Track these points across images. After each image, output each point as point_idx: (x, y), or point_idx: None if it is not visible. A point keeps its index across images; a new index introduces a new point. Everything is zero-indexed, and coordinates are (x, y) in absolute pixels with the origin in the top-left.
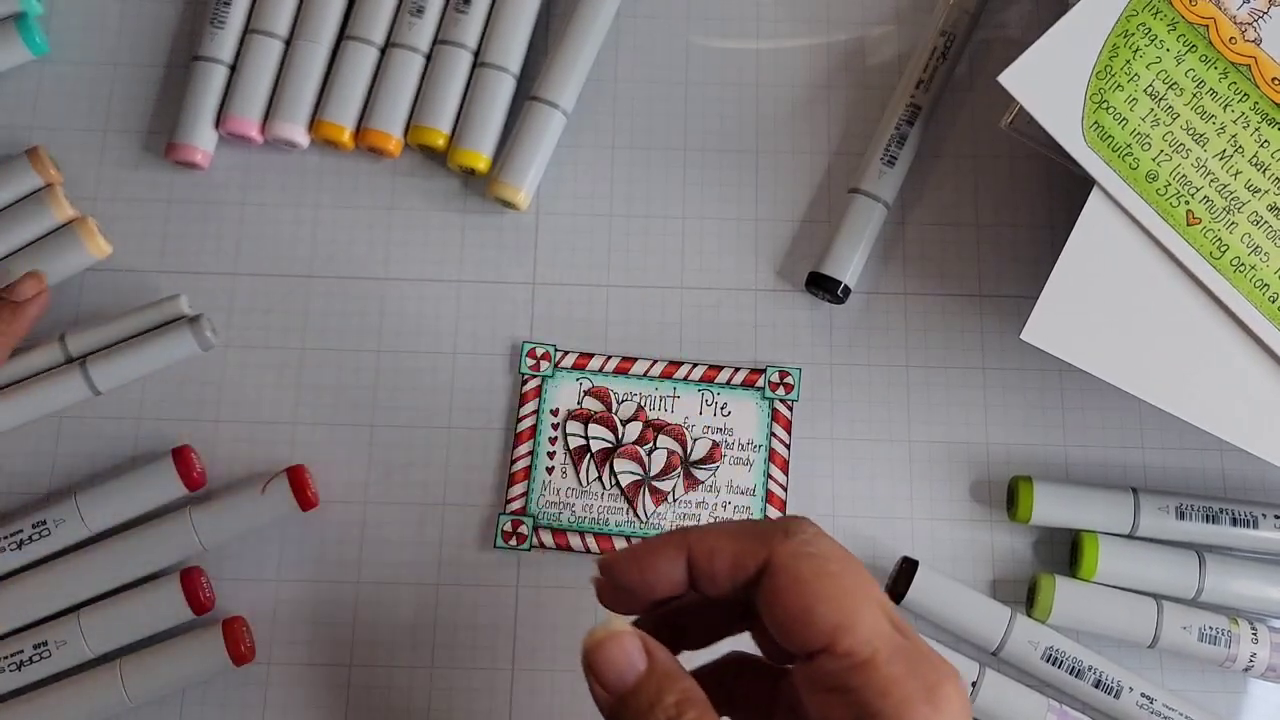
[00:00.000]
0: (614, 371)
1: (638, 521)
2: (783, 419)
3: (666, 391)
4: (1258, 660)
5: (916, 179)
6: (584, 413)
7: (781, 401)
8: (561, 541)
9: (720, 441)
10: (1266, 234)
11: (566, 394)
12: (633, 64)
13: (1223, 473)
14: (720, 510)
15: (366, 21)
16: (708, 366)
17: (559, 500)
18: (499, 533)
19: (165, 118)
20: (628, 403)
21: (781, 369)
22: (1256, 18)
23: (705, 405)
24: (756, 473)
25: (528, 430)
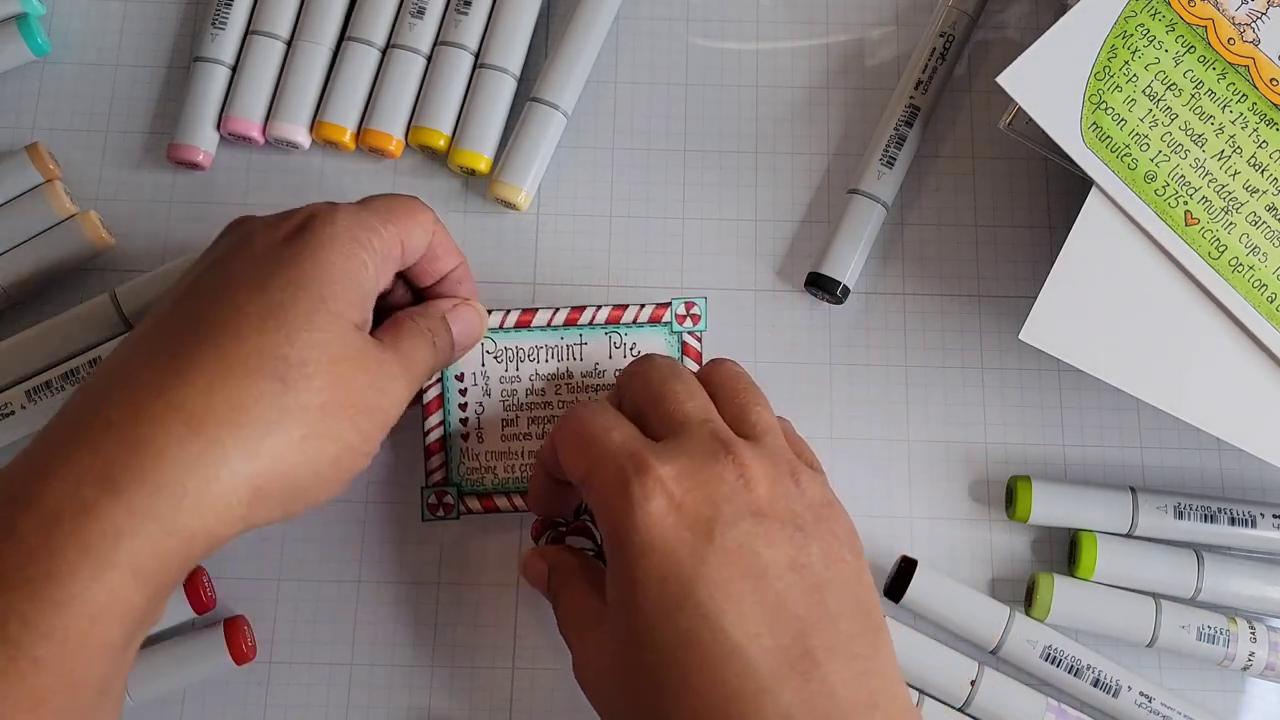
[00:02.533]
0: (515, 326)
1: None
2: (693, 351)
3: (573, 340)
4: (1256, 659)
5: (915, 180)
6: (489, 373)
7: (690, 334)
8: (489, 505)
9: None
10: (1265, 234)
11: (469, 357)
12: (633, 65)
13: (1221, 472)
14: None
15: (367, 23)
16: (612, 307)
17: (480, 465)
18: (424, 506)
19: (167, 118)
20: (530, 362)
21: (687, 299)
22: (1255, 18)
23: (614, 349)
24: None
25: (435, 400)
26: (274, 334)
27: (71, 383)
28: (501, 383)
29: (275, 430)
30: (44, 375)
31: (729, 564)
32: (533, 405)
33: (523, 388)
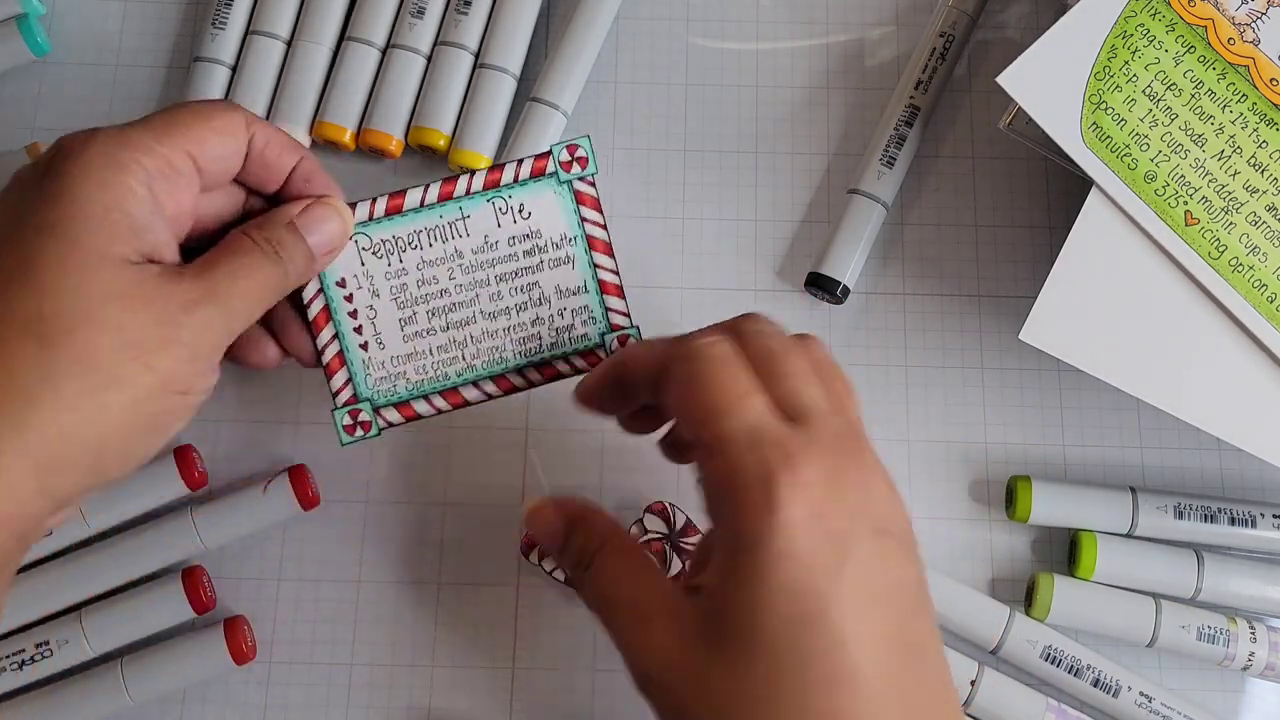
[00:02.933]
0: (386, 214)
1: (476, 365)
2: (588, 199)
3: (453, 215)
4: (1256, 659)
5: (915, 180)
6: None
7: (581, 180)
8: (409, 413)
9: (531, 249)
10: (1265, 234)
11: (345, 258)
12: (633, 65)
13: (1221, 472)
14: (559, 319)
15: (367, 23)
16: (488, 170)
17: (388, 373)
18: (339, 429)
19: None
20: (413, 249)
21: (569, 141)
22: (1255, 18)
23: (500, 215)
24: (581, 267)
25: (321, 313)
26: (21, 291)
27: None
28: (388, 279)
29: (41, 394)
30: None
31: (860, 584)
32: (428, 297)
33: (412, 280)
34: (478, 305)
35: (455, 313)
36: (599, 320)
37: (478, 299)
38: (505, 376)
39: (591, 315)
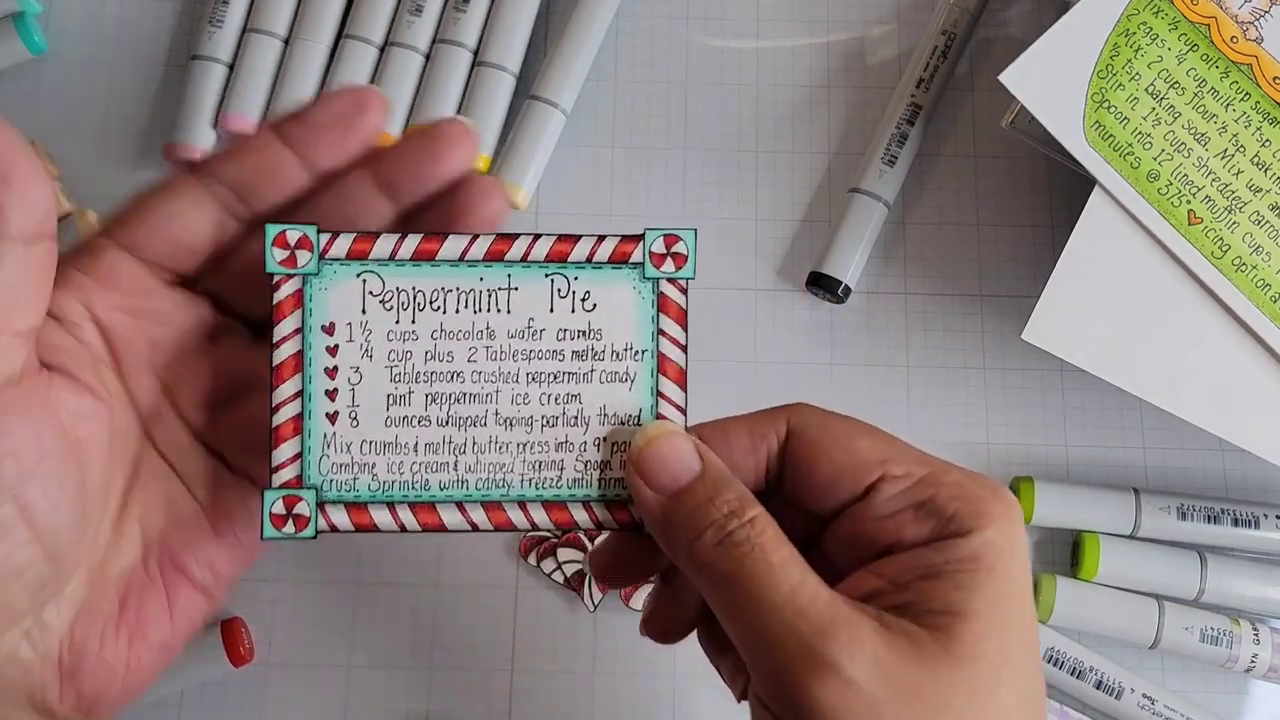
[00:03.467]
0: (413, 258)
1: (469, 481)
2: (674, 308)
3: (498, 282)
4: (1259, 661)
5: (917, 178)
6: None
7: (670, 281)
8: (362, 521)
9: (584, 351)
10: (1268, 233)
11: (344, 298)
12: (632, 63)
13: (1224, 473)
14: (592, 451)
15: (365, 20)
16: (558, 237)
17: (352, 460)
18: (266, 516)
19: (163, 117)
20: (433, 311)
21: (668, 232)
22: (1258, 17)
23: (558, 298)
24: (641, 391)
25: (290, 360)
26: None
27: None
28: (390, 340)
29: None
30: None
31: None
32: (435, 376)
33: (420, 349)
34: (494, 404)
35: (463, 406)
36: None
37: (497, 396)
38: (502, 507)
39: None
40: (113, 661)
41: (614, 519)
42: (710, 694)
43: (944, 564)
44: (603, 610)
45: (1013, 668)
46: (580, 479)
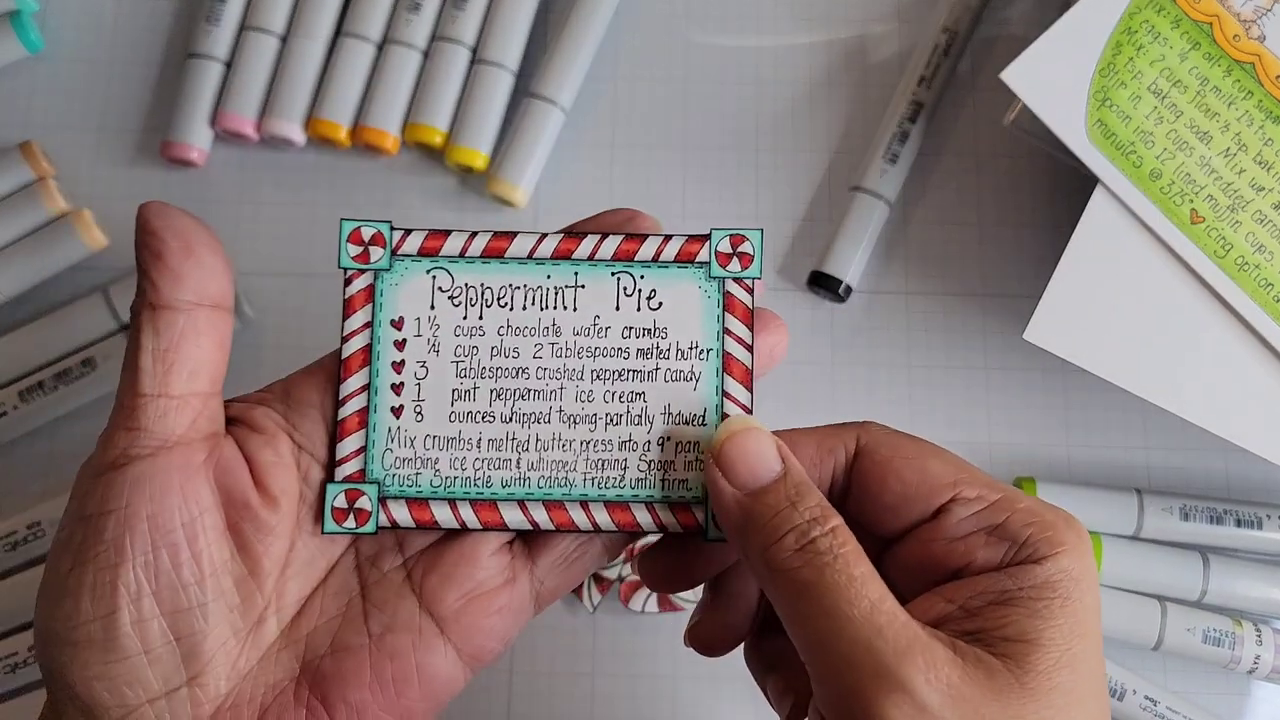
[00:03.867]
0: (483, 255)
1: (531, 478)
2: (740, 307)
3: (565, 279)
4: (1262, 662)
5: (919, 177)
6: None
7: (737, 281)
8: (424, 518)
9: (649, 349)
10: (1271, 233)
11: (414, 294)
12: (632, 61)
13: (1227, 474)
14: (656, 451)
15: (363, 18)
16: (625, 237)
17: (415, 455)
18: (328, 510)
19: (160, 115)
20: (500, 307)
21: (734, 232)
22: (1260, 15)
23: (623, 296)
24: (705, 390)
25: (359, 354)
26: None
27: (64, 383)
28: (457, 335)
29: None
30: (36, 375)
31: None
32: (500, 372)
33: (487, 345)
34: (559, 401)
35: (527, 402)
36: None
37: (561, 393)
38: (564, 506)
39: (701, 457)
40: None
41: (678, 521)
42: (710, 695)
43: (1017, 590)
44: (602, 611)
45: (1084, 702)
46: (644, 479)
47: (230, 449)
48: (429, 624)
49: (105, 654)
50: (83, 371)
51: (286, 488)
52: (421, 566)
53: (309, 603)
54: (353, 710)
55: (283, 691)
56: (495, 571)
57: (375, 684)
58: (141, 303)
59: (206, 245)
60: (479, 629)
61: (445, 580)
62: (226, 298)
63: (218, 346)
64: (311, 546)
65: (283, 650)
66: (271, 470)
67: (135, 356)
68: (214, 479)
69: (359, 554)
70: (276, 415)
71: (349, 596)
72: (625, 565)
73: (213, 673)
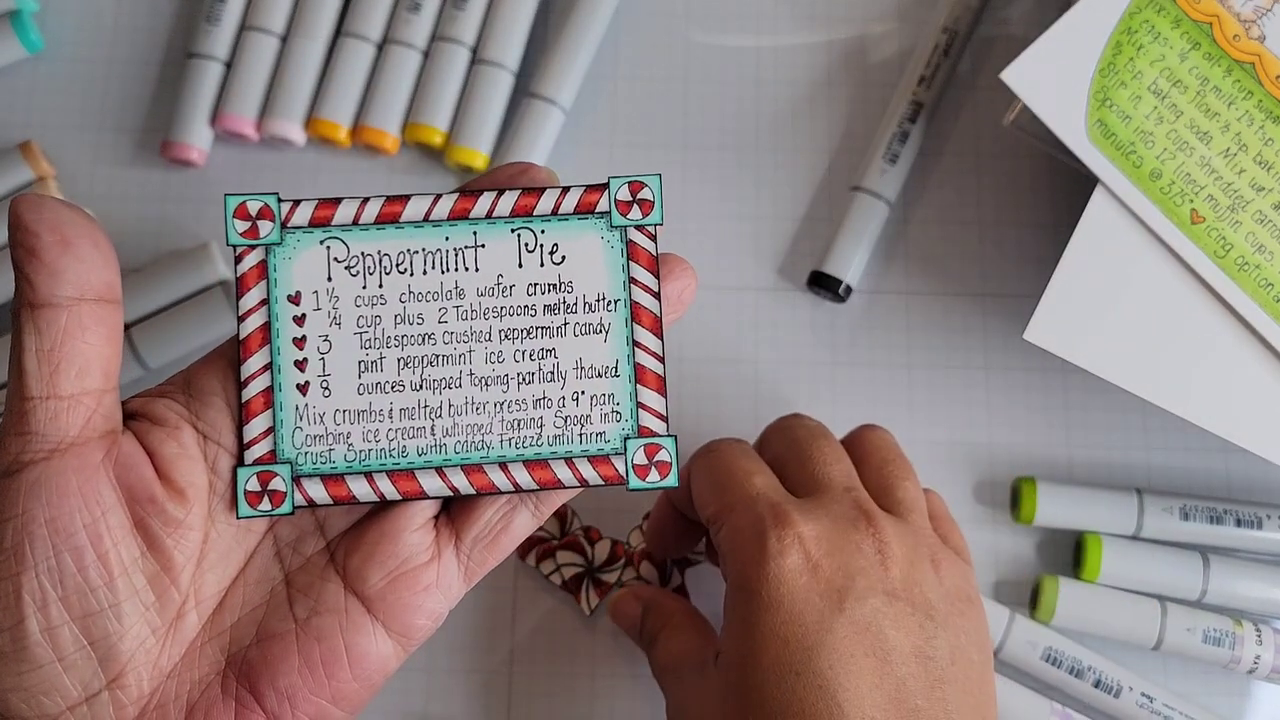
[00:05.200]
0: (377, 222)
1: (447, 445)
2: (644, 255)
3: (464, 240)
4: (1262, 662)
5: (919, 177)
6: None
7: (639, 229)
8: (340, 493)
9: (556, 304)
10: (1271, 233)
11: (309, 267)
12: (632, 61)
13: (1227, 473)
14: (571, 406)
15: (363, 18)
16: (522, 192)
17: (326, 431)
18: (241, 494)
19: (160, 115)
20: (400, 274)
21: (633, 179)
22: (1260, 15)
23: (525, 253)
24: (616, 342)
25: (257, 333)
26: None
27: None
28: (358, 306)
29: None
30: None
31: (854, 638)
32: (406, 340)
33: (390, 313)
34: (468, 364)
35: (436, 368)
36: (625, 418)
37: (470, 356)
38: (483, 469)
39: (616, 409)
40: None
41: (599, 474)
42: None
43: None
44: (600, 613)
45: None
46: (561, 435)
47: (130, 445)
48: (355, 605)
49: (17, 665)
50: None
51: (193, 479)
52: (344, 547)
53: (230, 594)
54: (282, 696)
55: (209, 686)
56: (419, 548)
57: (304, 668)
58: (20, 303)
59: (86, 237)
60: (407, 607)
61: (368, 559)
62: (112, 289)
63: (107, 341)
64: (227, 537)
65: (206, 644)
66: (176, 463)
67: (19, 359)
68: (115, 477)
69: (278, 540)
70: (178, 406)
71: (272, 584)
72: (626, 569)
73: (133, 673)
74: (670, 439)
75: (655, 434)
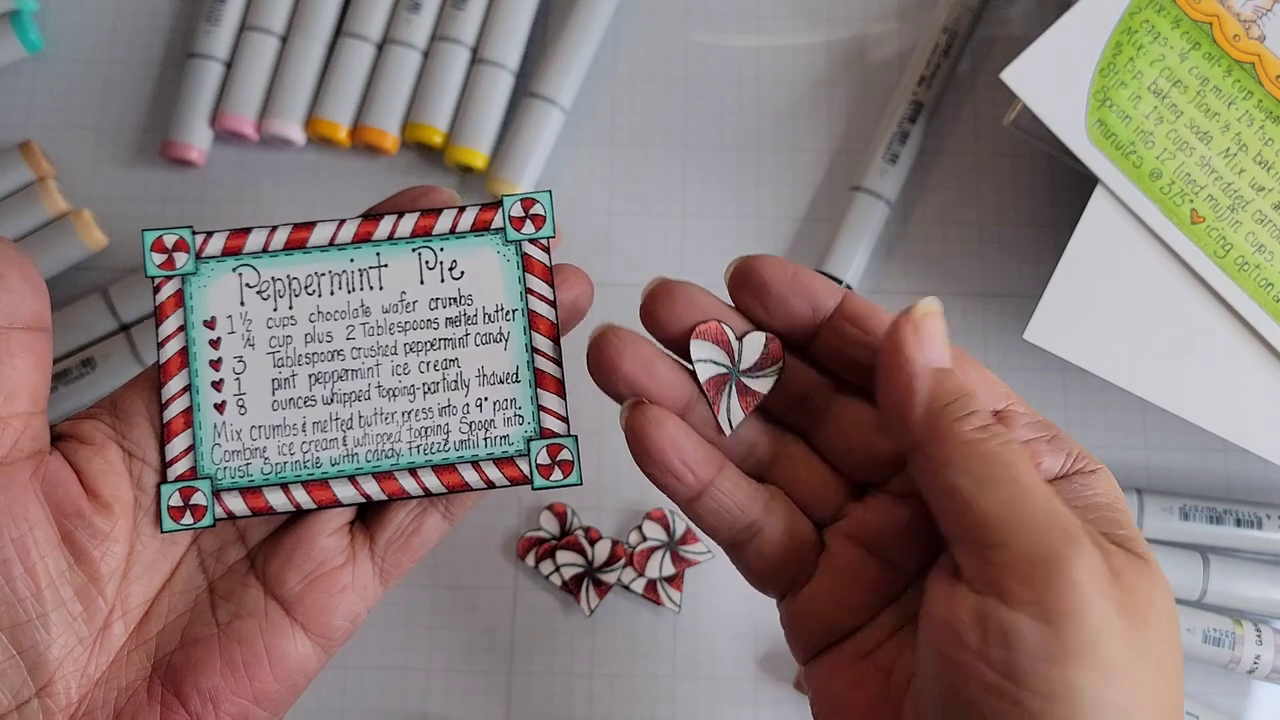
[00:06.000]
0: (285, 248)
1: (359, 454)
2: (538, 266)
3: (368, 261)
4: (1261, 662)
5: (919, 177)
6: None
7: (533, 242)
8: (258, 504)
9: (457, 317)
10: (1271, 233)
11: (222, 293)
12: (632, 60)
13: (1227, 473)
14: (475, 412)
15: (363, 18)
16: (421, 214)
17: (243, 446)
18: (165, 510)
19: (160, 115)
20: (309, 295)
21: (525, 196)
22: (1260, 15)
23: (425, 269)
24: (515, 349)
25: (176, 357)
26: None
27: (63, 384)
28: (270, 327)
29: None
30: None
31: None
32: (315, 357)
33: (300, 333)
34: (376, 377)
35: (345, 382)
36: (527, 420)
37: (378, 369)
38: (394, 476)
39: (518, 412)
40: None
41: (504, 475)
42: (709, 695)
43: (1094, 496)
44: (600, 613)
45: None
46: (467, 440)
47: (58, 463)
48: (274, 608)
49: None
50: (83, 371)
51: (119, 494)
52: (264, 554)
53: (156, 603)
54: (205, 698)
55: (136, 691)
56: (334, 552)
57: (226, 669)
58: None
59: (14, 267)
60: (323, 609)
61: (285, 564)
62: (40, 319)
63: (35, 367)
64: (153, 549)
65: (133, 651)
66: (102, 478)
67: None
68: (42, 493)
69: (202, 551)
70: (105, 426)
71: (196, 593)
72: (625, 569)
73: (62, 681)
74: (571, 439)
75: (557, 434)
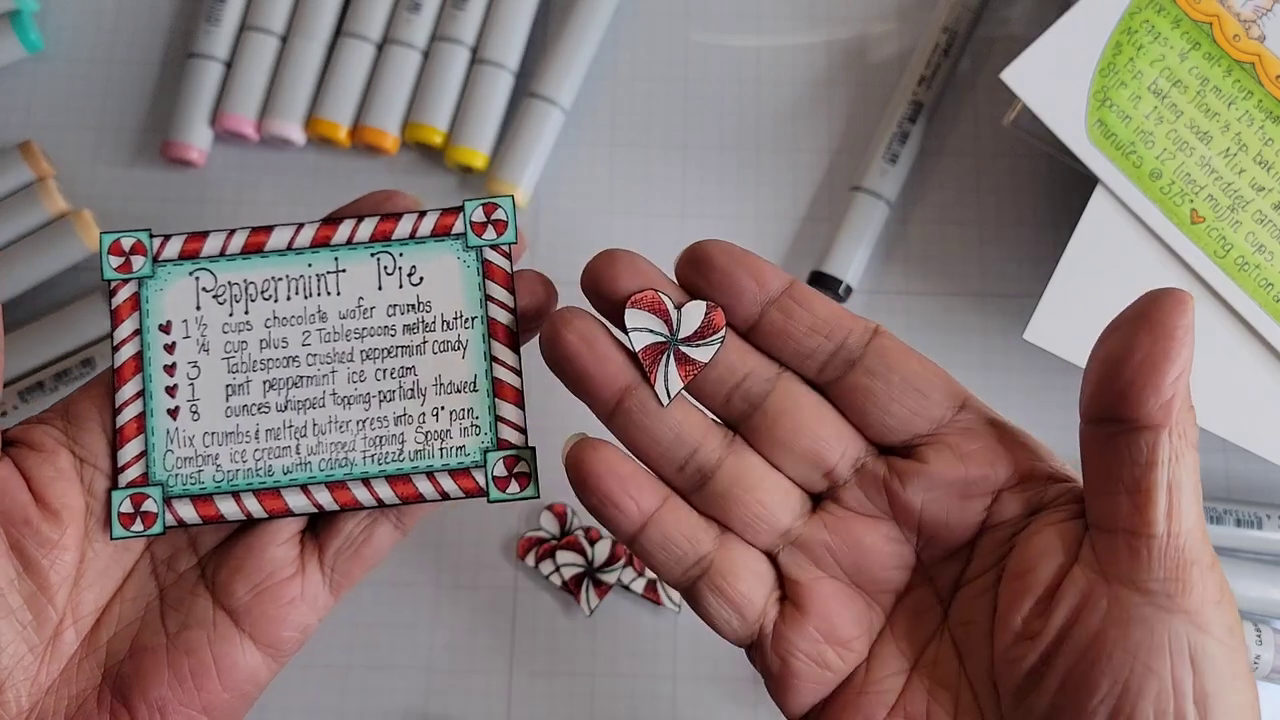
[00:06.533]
0: (243, 252)
1: (312, 463)
2: (499, 273)
3: (326, 266)
4: (1262, 662)
5: (919, 177)
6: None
7: (494, 249)
8: (209, 512)
9: (415, 324)
10: (1271, 233)
11: (179, 297)
12: (632, 60)
13: (1227, 473)
14: (432, 421)
15: (363, 18)
16: (380, 218)
17: (196, 453)
18: (115, 516)
19: (160, 115)
20: (265, 300)
21: (486, 201)
22: (1260, 15)
23: (384, 275)
24: (474, 358)
25: (130, 361)
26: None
27: (64, 383)
28: (225, 333)
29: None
30: (36, 375)
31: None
32: (270, 363)
33: (255, 339)
34: (331, 385)
35: (300, 389)
36: (484, 431)
37: (333, 376)
38: (347, 486)
39: (475, 423)
40: None
41: (459, 487)
42: (709, 695)
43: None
44: (600, 613)
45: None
46: (422, 450)
47: (6, 470)
48: (223, 618)
49: None
50: (83, 372)
51: (69, 501)
52: (213, 563)
53: (107, 611)
54: (153, 708)
55: (86, 700)
56: (284, 562)
57: (174, 680)
58: None
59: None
60: (272, 619)
61: (235, 573)
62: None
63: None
64: (104, 556)
65: (84, 660)
66: (52, 485)
67: None
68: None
69: (154, 558)
70: (56, 432)
71: (147, 600)
72: (625, 569)
73: (12, 690)
74: (529, 450)
75: (514, 445)
